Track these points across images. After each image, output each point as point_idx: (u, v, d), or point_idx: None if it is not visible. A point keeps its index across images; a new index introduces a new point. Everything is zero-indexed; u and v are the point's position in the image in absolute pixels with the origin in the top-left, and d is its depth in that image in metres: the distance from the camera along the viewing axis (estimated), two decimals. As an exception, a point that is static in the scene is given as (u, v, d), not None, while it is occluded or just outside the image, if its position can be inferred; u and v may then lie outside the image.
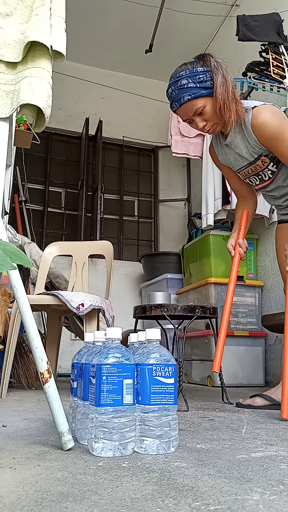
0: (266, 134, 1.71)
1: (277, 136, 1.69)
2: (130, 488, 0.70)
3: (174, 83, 1.72)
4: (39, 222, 4.73)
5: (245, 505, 0.62)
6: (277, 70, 2.94)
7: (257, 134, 1.73)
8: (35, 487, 0.69)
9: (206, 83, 1.69)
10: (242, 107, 1.73)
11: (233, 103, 1.70)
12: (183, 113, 1.76)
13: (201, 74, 1.69)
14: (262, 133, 1.72)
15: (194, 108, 1.71)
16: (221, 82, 1.68)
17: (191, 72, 1.69)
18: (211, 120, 1.75)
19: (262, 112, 1.70)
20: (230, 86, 1.71)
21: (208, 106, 1.71)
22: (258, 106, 1.72)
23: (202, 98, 1.70)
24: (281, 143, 1.70)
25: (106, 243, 2.77)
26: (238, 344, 3.20)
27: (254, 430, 1.30)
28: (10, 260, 0.86)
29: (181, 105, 1.72)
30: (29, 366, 2.52)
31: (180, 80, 1.70)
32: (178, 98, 1.71)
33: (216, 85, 1.68)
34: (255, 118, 1.71)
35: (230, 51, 4.32)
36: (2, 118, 1.32)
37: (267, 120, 1.69)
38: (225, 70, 1.73)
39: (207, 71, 1.70)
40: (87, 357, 1.11)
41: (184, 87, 1.69)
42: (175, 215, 5.22)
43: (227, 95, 1.69)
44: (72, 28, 2.54)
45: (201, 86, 1.68)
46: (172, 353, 2.33)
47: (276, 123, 1.69)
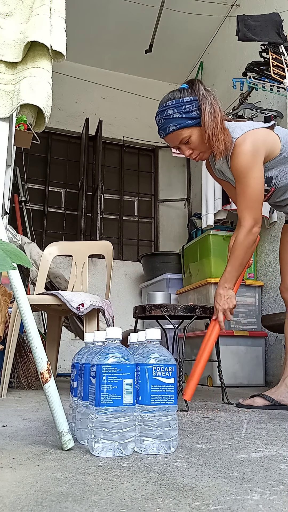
0: (234, 166, 1.72)
1: (240, 174, 1.70)
2: (130, 488, 0.70)
3: (161, 112, 1.72)
4: (39, 222, 4.73)
5: (245, 505, 0.62)
6: (277, 70, 2.94)
7: (230, 163, 1.74)
8: (35, 487, 0.69)
9: (192, 113, 1.68)
10: (230, 137, 1.71)
11: (221, 134, 1.69)
12: (170, 141, 1.77)
13: (187, 105, 1.68)
14: (232, 165, 1.73)
15: (180, 138, 1.72)
16: (209, 112, 1.67)
17: (177, 103, 1.69)
18: (197, 149, 1.76)
19: (240, 145, 1.69)
20: (219, 115, 1.69)
21: (194, 136, 1.71)
22: (241, 136, 1.69)
23: (188, 128, 1.70)
24: (240, 182, 1.71)
25: (106, 243, 2.77)
26: (238, 344, 3.20)
27: (254, 430, 1.30)
28: (10, 260, 0.86)
29: (167, 134, 1.73)
30: (29, 366, 2.52)
31: (166, 110, 1.70)
32: (164, 127, 1.72)
33: (205, 115, 1.67)
34: (234, 149, 1.70)
35: (230, 51, 4.32)
36: (2, 118, 1.32)
37: (240, 154, 1.68)
38: (213, 98, 1.71)
39: (194, 100, 1.69)
40: (87, 357, 1.11)
41: (170, 117, 1.69)
42: (175, 215, 5.22)
43: (216, 125, 1.68)
44: (72, 28, 2.54)
45: (187, 116, 1.68)
46: (172, 353, 2.34)
47: (245, 160, 1.68)
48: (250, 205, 1.71)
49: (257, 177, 1.69)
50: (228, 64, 4.34)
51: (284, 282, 1.95)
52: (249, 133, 1.70)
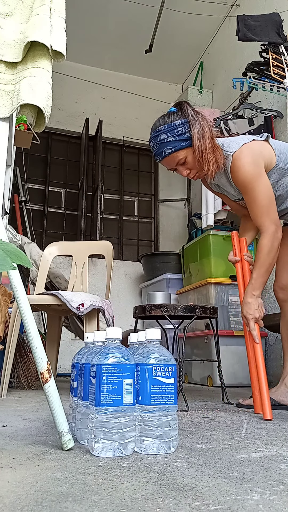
0: (238, 180, 1.72)
1: (247, 185, 1.70)
2: (130, 488, 0.70)
3: (155, 138, 1.73)
4: (39, 222, 4.73)
5: (245, 505, 0.62)
6: (277, 70, 2.94)
7: (233, 178, 1.75)
8: (35, 487, 0.69)
9: (185, 135, 1.69)
10: (221, 154, 1.72)
11: (211, 154, 1.70)
12: (166, 164, 1.79)
13: (179, 127, 1.69)
14: (235, 179, 1.74)
15: (176, 160, 1.74)
16: (198, 133, 1.68)
17: (169, 126, 1.70)
18: (194, 168, 1.77)
19: (240, 158, 1.70)
20: (208, 136, 1.70)
21: (189, 157, 1.73)
22: (238, 150, 1.71)
23: (183, 150, 1.71)
24: (248, 193, 1.71)
25: (106, 243, 2.77)
26: (238, 344, 3.19)
27: (254, 430, 1.30)
28: (10, 260, 0.86)
29: (163, 158, 1.75)
30: (29, 366, 2.52)
31: (159, 134, 1.71)
32: (159, 152, 1.74)
33: (194, 137, 1.68)
34: (233, 164, 1.71)
35: (230, 51, 4.32)
36: (2, 118, 1.32)
37: (241, 167, 1.69)
38: (201, 119, 1.72)
39: (185, 122, 1.70)
40: (87, 357, 1.11)
41: (164, 141, 1.70)
42: (175, 215, 5.22)
43: (205, 146, 1.69)
44: (72, 28, 2.54)
45: (180, 138, 1.69)
46: (172, 353, 2.33)
47: (249, 171, 1.68)
48: (266, 211, 1.70)
49: (265, 183, 1.70)
50: (228, 64, 4.34)
51: (278, 281, 1.96)
52: (245, 146, 1.72)
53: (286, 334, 1.94)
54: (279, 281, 1.95)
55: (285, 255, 1.95)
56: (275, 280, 1.97)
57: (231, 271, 3.35)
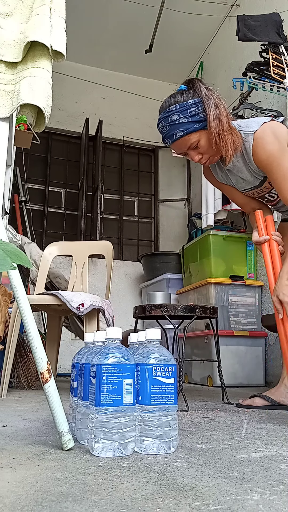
0: (263, 159, 1.63)
1: (272, 163, 1.62)
2: (130, 488, 0.70)
3: (165, 119, 1.61)
4: (39, 222, 4.73)
5: (245, 505, 0.62)
6: (277, 70, 2.94)
7: (255, 159, 1.66)
8: (35, 487, 0.69)
9: (199, 116, 1.58)
10: (238, 135, 1.64)
11: (228, 135, 1.61)
12: (177, 148, 1.67)
13: (192, 107, 1.57)
14: (259, 158, 1.64)
15: (188, 144, 1.62)
16: (214, 113, 1.58)
17: (182, 106, 1.57)
18: (207, 153, 1.67)
19: (263, 137, 1.61)
20: (224, 115, 1.61)
21: (202, 140, 1.62)
22: (260, 129, 1.62)
23: (196, 132, 1.59)
24: (275, 170, 1.63)
25: (106, 243, 2.77)
26: (238, 344, 3.20)
27: (254, 430, 1.30)
28: (10, 260, 0.86)
29: (174, 141, 1.63)
30: (29, 366, 2.52)
31: (170, 115, 1.59)
32: (170, 134, 1.61)
33: (210, 118, 1.57)
34: (256, 142, 1.62)
35: (230, 51, 4.32)
36: (2, 118, 1.32)
37: (266, 145, 1.61)
38: (216, 98, 1.61)
39: (198, 102, 1.58)
40: (87, 357, 1.11)
41: (176, 123, 1.58)
42: (175, 215, 5.22)
43: (222, 127, 1.59)
44: (72, 28, 2.54)
45: (194, 120, 1.58)
46: (172, 353, 2.33)
47: (274, 149, 1.60)
48: None
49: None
50: (228, 64, 4.34)
51: None
52: (266, 125, 1.64)
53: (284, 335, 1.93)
54: None
55: None
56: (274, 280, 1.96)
57: (231, 271, 3.35)
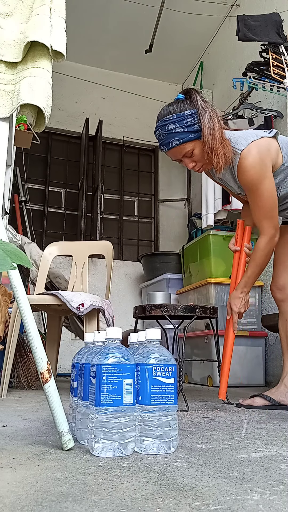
0: (243, 181, 1.71)
1: (251, 187, 1.69)
2: (130, 488, 0.70)
3: (162, 127, 1.69)
4: (39, 222, 4.73)
5: (245, 505, 0.62)
6: (277, 70, 2.94)
7: (239, 177, 1.73)
8: (35, 487, 0.69)
9: (194, 127, 1.65)
10: (230, 149, 1.69)
11: (220, 147, 1.66)
12: (172, 155, 1.75)
13: (188, 118, 1.65)
14: (240, 179, 1.72)
15: (183, 152, 1.70)
16: (208, 126, 1.65)
17: (179, 117, 1.65)
18: (200, 161, 1.74)
19: (248, 158, 1.66)
20: (217, 128, 1.67)
21: (197, 149, 1.69)
22: (246, 148, 1.67)
23: (191, 142, 1.67)
24: (253, 194, 1.70)
25: (106, 243, 2.77)
26: (238, 344, 3.19)
27: (254, 430, 1.30)
28: (10, 260, 0.86)
29: (169, 149, 1.71)
30: (29, 366, 2.52)
31: (167, 124, 1.66)
32: (166, 142, 1.69)
33: (204, 130, 1.65)
34: (241, 163, 1.68)
35: (230, 51, 4.32)
36: (2, 118, 1.32)
37: (248, 168, 1.66)
38: (211, 110, 1.68)
39: (194, 113, 1.65)
40: (87, 357, 1.10)
41: (172, 132, 1.66)
42: (175, 215, 5.22)
43: (214, 139, 1.65)
44: (72, 28, 2.54)
45: (189, 130, 1.65)
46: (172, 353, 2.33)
47: (255, 173, 1.66)
48: (269, 215, 1.71)
49: (269, 188, 1.69)
50: (228, 64, 4.34)
51: (275, 281, 1.96)
52: (253, 144, 1.68)
53: (284, 334, 1.94)
54: (276, 281, 1.95)
55: (282, 254, 1.94)
56: (272, 281, 1.97)
57: (231, 271, 3.35)
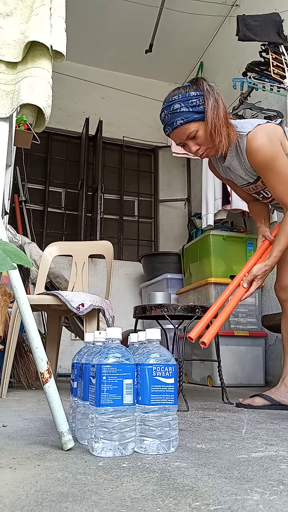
0: (257, 161, 1.71)
1: (267, 166, 1.70)
2: (130, 488, 0.70)
3: (167, 107, 1.71)
4: (39, 222, 4.73)
5: (245, 505, 0.62)
6: (277, 70, 2.94)
7: (249, 160, 1.73)
8: (35, 487, 0.69)
9: (199, 108, 1.68)
10: (234, 131, 1.72)
11: (224, 127, 1.69)
12: (176, 137, 1.76)
13: (193, 99, 1.68)
14: (253, 160, 1.72)
15: (187, 132, 1.71)
16: (212, 106, 1.67)
17: (184, 97, 1.68)
18: (204, 144, 1.75)
19: (256, 138, 1.68)
20: (222, 110, 1.69)
21: (201, 131, 1.70)
22: (253, 130, 1.70)
23: (195, 122, 1.69)
24: (269, 172, 1.71)
25: (106, 243, 2.77)
26: (238, 344, 3.20)
27: (254, 430, 1.30)
28: (10, 260, 0.86)
29: (173, 129, 1.72)
30: (29, 366, 2.52)
31: (173, 104, 1.69)
32: (170, 122, 1.71)
33: (207, 109, 1.67)
34: (249, 144, 1.70)
35: (230, 51, 4.32)
36: (2, 118, 1.32)
37: (259, 148, 1.68)
38: (217, 93, 1.71)
39: (199, 95, 1.68)
40: (87, 357, 1.10)
41: (177, 111, 1.68)
42: (175, 215, 5.22)
43: (218, 119, 1.68)
44: (72, 28, 2.54)
45: (194, 110, 1.68)
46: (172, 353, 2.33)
47: (268, 151, 1.68)
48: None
49: (285, 162, 1.69)
50: (228, 64, 4.34)
51: (279, 281, 1.95)
52: (259, 127, 1.71)
53: (286, 334, 1.94)
54: (281, 281, 1.95)
55: (286, 254, 1.94)
56: (276, 280, 1.97)
57: (231, 271, 3.35)
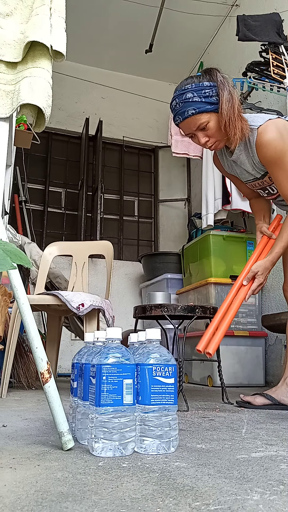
0: (266, 156, 1.69)
1: (276, 161, 1.68)
2: (130, 488, 0.70)
3: (179, 96, 1.67)
4: (39, 222, 4.73)
5: (245, 505, 0.62)
6: (277, 70, 2.94)
7: (259, 154, 1.72)
8: (35, 487, 0.69)
9: (212, 98, 1.65)
10: (247, 124, 1.71)
11: (238, 120, 1.67)
12: (186, 127, 1.72)
13: (207, 89, 1.64)
14: (263, 154, 1.70)
15: (198, 123, 1.68)
16: (227, 98, 1.64)
17: (197, 86, 1.65)
18: (214, 136, 1.72)
19: (267, 132, 1.67)
20: (236, 103, 1.67)
21: (212, 122, 1.68)
22: (264, 124, 1.69)
23: (207, 113, 1.66)
24: (278, 168, 1.69)
25: (106, 243, 2.77)
26: (238, 344, 3.20)
27: (254, 430, 1.30)
28: (10, 260, 0.86)
29: (184, 119, 1.68)
30: (29, 366, 2.52)
31: (185, 93, 1.65)
32: (182, 111, 1.67)
33: (222, 101, 1.64)
34: (260, 138, 1.68)
35: (230, 51, 4.32)
36: (2, 118, 1.32)
37: (270, 142, 1.67)
38: (231, 86, 1.68)
39: (213, 86, 1.65)
40: (87, 357, 1.10)
41: (189, 100, 1.65)
42: (175, 215, 5.22)
43: (233, 112, 1.66)
44: (72, 28, 2.54)
45: (207, 101, 1.65)
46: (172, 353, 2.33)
47: (278, 146, 1.66)
48: None
49: None
50: (228, 64, 4.34)
51: (287, 281, 1.95)
52: (270, 121, 1.70)
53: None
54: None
55: None
56: (285, 281, 1.96)
57: (231, 271, 3.35)
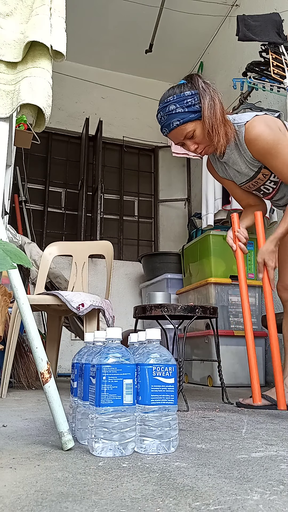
0: (259, 149, 1.69)
1: (270, 151, 1.68)
2: (130, 488, 0.70)
3: (163, 109, 1.70)
4: (39, 222, 4.73)
5: (245, 505, 0.62)
6: (277, 70, 2.94)
7: (251, 149, 1.72)
8: (35, 487, 0.69)
9: (195, 107, 1.66)
10: (232, 128, 1.71)
11: (221, 126, 1.68)
12: (173, 137, 1.75)
13: (189, 98, 1.66)
14: (255, 148, 1.70)
15: (184, 133, 1.70)
16: (209, 105, 1.65)
17: (179, 97, 1.66)
18: (203, 143, 1.74)
19: (255, 126, 1.68)
20: (219, 108, 1.68)
21: (198, 130, 1.69)
22: (251, 119, 1.70)
23: (192, 122, 1.68)
24: (274, 158, 1.69)
25: (106, 243, 2.77)
26: (238, 344, 3.19)
27: (254, 430, 1.30)
28: (10, 260, 0.86)
29: (170, 131, 1.71)
30: (29, 366, 2.52)
31: (168, 105, 1.67)
32: (167, 124, 1.70)
33: (204, 109, 1.65)
34: (248, 133, 1.69)
35: (230, 51, 4.32)
36: (2, 118, 1.32)
37: (260, 134, 1.67)
38: (212, 91, 1.68)
39: (195, 94, 1.66)
40: (87, 357, 1.10)
41: (173, 112, 1.67)
42: (175, 215, 5.22)
43: (215, 118, 1.66)
44: (72, 28, 2.54)
45: (190, 110, 1.66)
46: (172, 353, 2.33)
47: (269, 137, 1.66)
48: None
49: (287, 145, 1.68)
50: (228, 64, 4.34)
51: (282, 281, 1.95)
52: (256, 117, 1.71)
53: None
54: (283, 281, 1.95)
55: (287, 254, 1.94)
56: (279, 280, 1.97)
57: (231, 271, 3.35)
